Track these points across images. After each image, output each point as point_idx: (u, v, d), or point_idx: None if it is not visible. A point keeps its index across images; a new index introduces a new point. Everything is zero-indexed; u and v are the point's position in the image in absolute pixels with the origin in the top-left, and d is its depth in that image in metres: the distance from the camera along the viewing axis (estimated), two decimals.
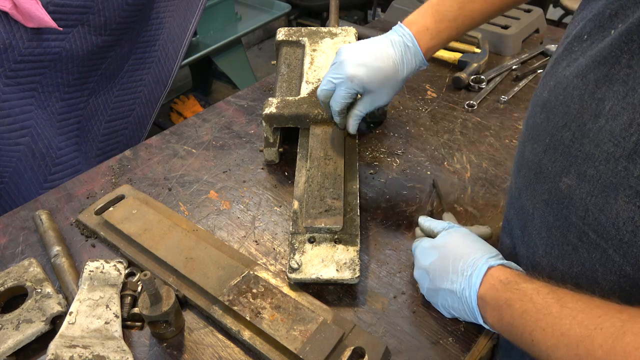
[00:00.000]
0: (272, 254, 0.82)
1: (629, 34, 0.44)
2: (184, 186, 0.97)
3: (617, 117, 0.44)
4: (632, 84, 0.43)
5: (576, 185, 0.49)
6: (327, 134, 0.92)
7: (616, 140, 0.44)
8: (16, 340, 0.67)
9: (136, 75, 1.64)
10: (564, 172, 0.50)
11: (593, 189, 0.47)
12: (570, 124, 0.49)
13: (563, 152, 0.50)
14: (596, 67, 0.47)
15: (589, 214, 0.48)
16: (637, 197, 0.43)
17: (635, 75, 0.42)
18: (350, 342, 0.66)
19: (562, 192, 0.51)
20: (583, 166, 0.48)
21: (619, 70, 0.44)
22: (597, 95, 0.46)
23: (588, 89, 0.47)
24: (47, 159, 1.38)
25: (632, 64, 0.43)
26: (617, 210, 0.45)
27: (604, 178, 0.46)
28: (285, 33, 1.15)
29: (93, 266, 0.74)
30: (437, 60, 1.31)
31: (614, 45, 0.45)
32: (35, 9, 1.21)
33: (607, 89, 0.45)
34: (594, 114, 0.46)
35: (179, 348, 0.70)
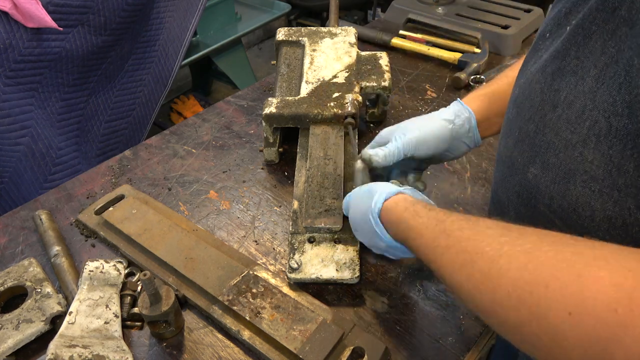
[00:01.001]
0: (272, 253, 0.82)
1: (576, 28, 0.47)
2: (184, 186, 0.97)
3: (571, 106, 0.46)
4: (580, 73, 0.45)
5: (541, 174, 0.51)
6: (327, 134, 0.92)
7: (572, 128, 0.46)
8: (16, 340, 0.67)
9: (136, 75, 1.64)
10: (530, 162, 0.53)
11: (555, 176, 0.49)
12: (534, 116, 0.52)
13: (529, 143, 0.53)
14: (552, 61, 0.50)
15: (553, 201, 0.50)
16: (592, 181, 0.45)
17: (583, 66, 0.45)
18: (350, 342, 0.66)
19: (529, 182, 0.53)
20: (546, 155, 0.50)
21: (569, 62, 0.47)
22: (554, 86, 0.49)
23: (547, 82, 0.50)
24: (47, 159, 1.37)
25: (579, 55, 0.46)
26: (576, 195, 0.47)
27: (564, 165, 0.48)
28: (285, 33, 1.15)
29: (93, 266, 0.74)
30: (437, 60, 1.31)
31: (565, 39, 0.48)
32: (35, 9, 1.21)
33: (561, 80, 0.48)
34: (552, 104, 0.49)
35: (179, 348, 0.70)
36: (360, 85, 1.00)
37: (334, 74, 1.02)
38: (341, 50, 1.08)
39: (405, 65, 1.31)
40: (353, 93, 0.96)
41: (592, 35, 0.44)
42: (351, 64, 1.04)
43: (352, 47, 1.09)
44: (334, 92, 0.97)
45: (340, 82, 1.00)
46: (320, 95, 0.97)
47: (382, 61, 1.07)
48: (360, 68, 1.05)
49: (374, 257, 0.80)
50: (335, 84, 0.99)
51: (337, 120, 0.93)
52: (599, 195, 0.45)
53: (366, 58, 1.08)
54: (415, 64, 1.32)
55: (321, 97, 0.96)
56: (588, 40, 0.45)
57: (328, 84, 0.99)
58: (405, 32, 1.40)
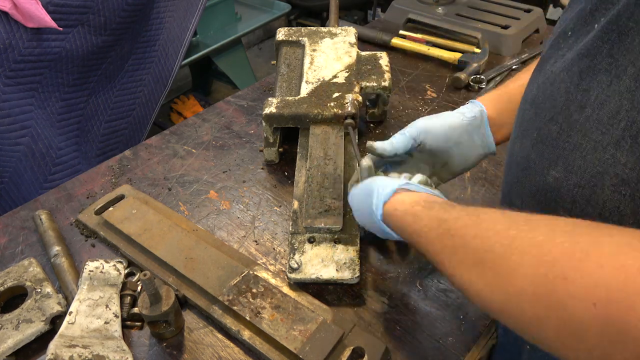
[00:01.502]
0: (272, 254, 0.82)
1: (609, 25, 0.45)
2: (184, 186, 0.97)
3: (604, 106, 0.44)
4: (615, 72, 0.44)
5: (563, 178, 0.49)
6: (327, 134, 0.92)
7: (604, 129, 0.44)
8: (16, 340, 0.67)
9: (136, 75, 1.64)
10: (551, 165, 0.51)
11: (580, 179, 0.47)
12: (557, 116, 0.50)
13: (550, 145, 0.51)
14: (580, 60, 0.48)
15: (575, 205, 0.48)
16: (623, 185, 0.43)
17: (617, 64, 0.43)
18: (350, 342, 0.66)
19: (549, 185, 0.51)
20: (570, 157, 0.48)
21: (601, 60, 0.45)
22: (582, 86, 0.47)
23: (573, 82, 0.48)
24: (47, 159, 1.38)
25: (613, 52, 0.44)
26: (603, 200, 0.45)
27: (591, 167, 0.46)
28: (285, 33, 1.15)
29: (93, 266, 0.74)
30: (437, 60, 1.31)
31: (596, 37, 0.46)
32: (35, 9, 1.21)
33: (592, 79, 0.46)
34: (580, 104, 0.47)
35: (179, 348, 0.70)
36: (360, 85, 1.00)
37: (334, 74, 1.02)
38: (341, 50, 1.08)
39: (405, 65, 1.31)
40: (353, 93, 0.96)
41: (629, 32, 0.43)
42: (351, 64, 1.04)
43: (352, 47, 1.09)
44: (334, 92, 0.97)
45: (340, 82, 1.00)
46: (320, 95, 0.97)
47: (382, 61, 1.07)
48: (360, 68, 1.05)
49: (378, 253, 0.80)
50: (335, 84, 0.99)
51: (337, 120, 0.93)
52: (630, 200, 0.43)
53: (366, 58, 1.08)
54: (415, 64, 1.32)
55: (321, 97, 0.96)
56: (624, 37, 0.43)
57: (328, 84, 0.99)
58: (405, 32, 1.40)
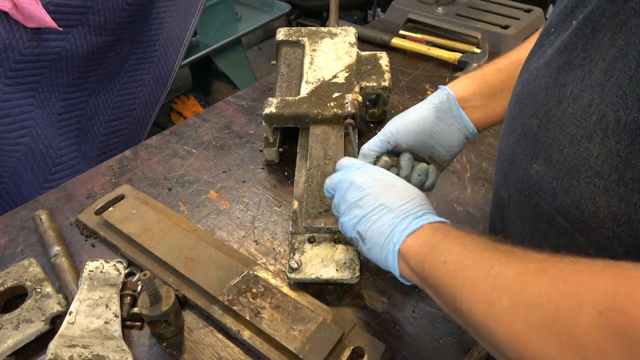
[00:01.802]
0: (272, 253, 0.82)
1: (584, 21, 0.46)
2: (184, 186, 0.97)
3: (578, 100, 0.46)
4: (588, 67, 0.45)
5: (544, 171, 0.51)
6: (327, 134, 0.92)
7: (578, 122, 0.46)
8: (16, 340, 0.67)
9: (136, 75, 1.64)
10: (533, 158, 0.52)
11: (558, 172, 0.49)
12: (538, 111, 0.51)
13: (532, 139, 0.52)
14: (559, 56, 0.49)
15: (556, 198, 0.50)
16: (597, 177, 0.45)
17: (590, 59, 0.45)
18: (350, 342, 0.67)
19: (532, 178, 0.53)
20: (550, 151, 0.50)
21: (576, 55, 0.47)
22: (559, 81, 0.48)
23: (552, 77, 0.50)
24: (47, 159, 1.38)
25: (587, 48, 0.45)
26: (580, 192, 0.47)
27: (568, 160, 0.47)
28: (285, 33, 1.15)
29: (93, 266, 0.74)
30: (437, 60, 1.31)
31: (572, 33, 0.48)
32: (35, 9, 1.21)
33: (567, 74, 0.47)
34: (557, 99, 0.48)
35: (179, 348, 0.70)
36: (360, 85, 1.00)
37: (334, 74, 1.02)
38: (341, 50, 1.08)
39: (405, 65, 1.31)
40: (353, 93, 0.96)
41: (601, 28, 0.44)
42: (351, 64, 1.04)
43: (352, 47, 1.09)
44: (334, 92, 0.97)
45: (340, 82, 1.00)
46: (320, 95, 0.97)
47: (382, 61, 1.07)
48: (360, 68, 1.05)
49: None
50: (335, 84, 0.99)
51: (337, 120, 0.93)
52: (604, 191, 0.44)
53: (366, 58, 1.08)
54: (415, 64, 1.32)
55: (321, 97, 0.96)
56: (597, 33, 0.44)
57: (328, 84, 0.99)
58: (405, 32, 1.40)
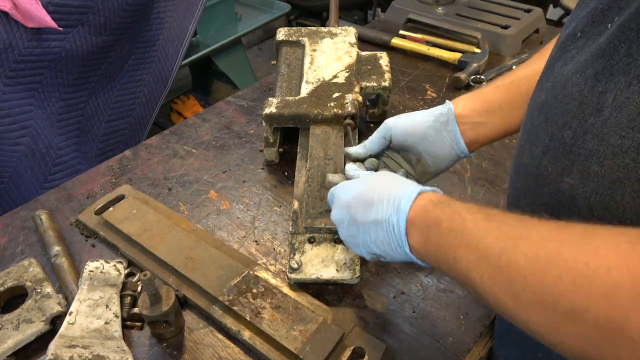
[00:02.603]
0: (272, 254, 0.82)
1: (627, 23, 0.43)
2: (184, 186, 0.97)
3: (623, 108, 0.42)
4: (634, 72, 0.41)
5: (579, 185, 0.47)
6: (327, 134, 0.92)
7: (623, 132, 0.42)
8: (16, 340, 0.67)
9: (136, 75, 1.64)
10: (565, 172, 0.49)
11: (598, 186, 0.45)
12: (571, 121, 0.48)
13: (564, 151, 0.49)
14: (594, 61, 0.46)
15: (593, 214, 0.47)
16: None
17: (636, 64, 0.41)
18: (350, 342, 0.67)
19: (563, 192, 0.49)
20: (586, 163, 0.46)
21: (618, 60, 0.43)
22: (598, 88, 0.45)
23: (587, 84, 0.46)
24: (47, 159, 1.37)
25: (632, 52, 0.42)
26: (623, 206, 0.44)
27: (610, 174, 0.44)
28: (285, 33, 1.15)
29: (93, 266, 0.74)
30: (437, 60, 1.31)
31: (611, 37, 0.44)
32: (35, 9, 1.21)
33: (608, 80, 0.44)
34: (595, 108, 0.45)
35: (179, 348, 0.70)
36: (360, 85, 1.00)
37: (334, 74, 1.02)
38: (341, 50, 1.08)
39: (405, 65, 1.31)
40: (353, 93, 0.96)
41: None
42: (351, 64, 1.04)
43: (352, 47, 1.09)
44: (334, 92, 0.97)
45: (341, 82, 1.00)
46: (320, 95, 0.97)
47: (382, 61, 1.07)
48: (361, 68, 1.05)
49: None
50: (335, 84, 0.99)
51: (337, 120, 0.93)
52: None
53: (366, 58, 1.08)
54: (415, 64, 1.32)
55: (321, 97, 0.96)
56: None
57: (328, 84, 0.99)
58: (405, 32, 1.40)
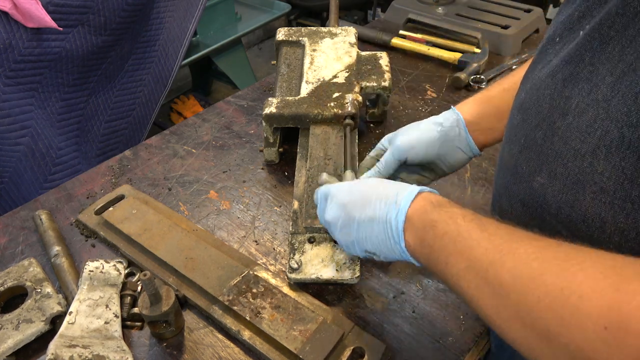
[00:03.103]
0: (272, 254, 0.82)
1: (592, 33, 0.45)
2: (184, 186, 0.97)
3: (583, 114, 0.44)
4: (595, 80, 0.43)
5: (548, 184, 0.49)
6: (327, 134, 0.92)
7: (582, 137, 0.44)
8: (16, 340, 0.67)
9: (136, 75, 1.64)
10: (536, 171, 0.51)
11: (563, 186, 0.48)
12: (542, 123, 0.50)
13: (536, 151, 0.51)
14: (564, 67, 0.48)
15: (561, 211, 0.49)
16: (602, 193, 0.43)
17: (598, 72, 0.43)
18: (350, 342, 0.67)
19: (535, 191, 0.51)
20: (554, 164, 0.48)
21: (582, 68, 0.45)
22: (565, 93, 0.47)
23: (557, 88, 0.48)
24: (47, 159, 1.37)
25: (594, 61, 0.44)
26: (585, 207, 0.45)
27: (572, 175, 0.46)
28: (285, 33, 1.15)
29: (93, 266, 0.74)
30: (437, 60, 1.31)
31: (579, 44, 0.46)
32: (35, 9, 1.21)
33: (573, 86, 0.46)
34: (562, 111, 0.47)
35: (179, 348, 0.70)
36: (360, 85, 1.00)
37: (334, 74, 1.02)
38: (341, 50, 1.08)
39: (405, 65, 1.31)
40: (353, 93, 0.96)
41: (610, 41, 0.42)
42: (351, 64, 1.04)
43: (352, 47, 1.09)
44: (334, 92, 0.97)
45: (341, 82, 1.00)
46: (320, 95, 0.97)
47: (382, 61, 1.07)
48: (360, 68, 1.05)
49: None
50: (335, 84, 0.99)
51: (337, 120, 0.93)
52: (610, 207, 0.43)
53: (366, 58, 1.08)
54: (415, 64, 1.32)
55: (321, 97, 0.96)
56: (605, 46, 0.43)
57: (328, 84, 0.99)
58: (405, 32, 1.40)
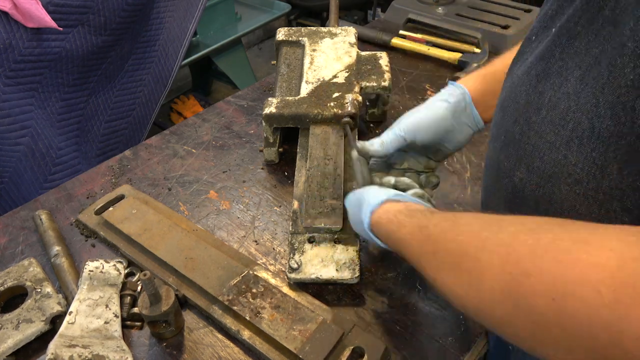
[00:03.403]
0: (272, 254, 0.82)
1: (561, 30, 0.47)
2: (184, 186, 0.97)
3: (555, 107, 0.46)
4: (565, 74, 0.45)
5: (527, 178, 0.51)
6: (327, 134, 0.92)
7: (556, 129, 0.46)
8: (16, 340, 0.68)
9: (136, 75, 1.64)
10: (516, 166, 0.52)
11: (540, 179, 0.49)
12: (519, 118, 0.52)
13: (515, 146, 0.52)
14: (537, 63, 0.50)
15: (539, 205, 0.50)
16: (576, 184, 0.44)
17: (567, 67, 0.45)
18: (350, 342, 0.67)
19: (515, 186, 0.53)
20: (531, 158, 0.50)
21: (553, 63, 0.47)
22: (539, 88, 0.49)
23: (532, 84, 0.50)
24: (47, 159, 1.37)
25: (564, 56, 0.46)
26: (561, 199, 0.47)
27: (548, 168, 0.47)
28: (285, 33, 1.15)
29: (93, 266, 0.74)
30: (437, 60, 1.31)
31: (550, 41, 0.48)
32: (35, 9, 1.21)
33: (546, 81, 0.48)
34: (537, 106, 0.49)
35: (179, 348, 0.70)
36: (360, 85, 1.00)
37: (334, 74, 1.02)
38: (341, 50, 1.08)
39: (405, 65, 1.31)
40: (353, 93, 0.96)
41: (577, 36, 0.44)
42: (351, 64, 1.04)
43: (352, 47, 1.09)
44: (334, 92, 0.97)
45: (340, 82, 1.00)
46: (320, 95, 0.97)
47: (382, 61, 1.07)
48: (360, 68, 1.05)
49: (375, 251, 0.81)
50: (335, 84, 0.99)
51: (337, 120, 0.93)
52: (583, 198, 0.44)
53: (366, 58, 1.08)
54: (415, 64, 1.32)
55: (321, 97, 0.96)
56: (573, 41, 0.44)
57: (328, 84, 0.99)
58: (405, 32, 1.39)
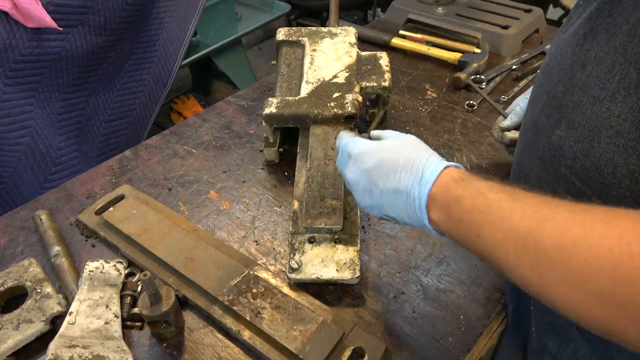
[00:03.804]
0: (272, 254, 0.82)
1: None
2: (184, 186, 0.97)
3: (602, 62, 0.48)
4: (612, 30, 0.47)
5: (566, 135, 0.53)
6: (327, 134, 0.92)
7: (601, 84, 0.48)
8: (16, 340, 0.67)
9: (136, 75, 1.64)
10: (556, 124, 0.54)
11: (580, 135, 0.51)
12: (563, 77, 0.53)
13: (557, 105, 0.54)
14: (585, 23, 0.51)
15: (576, 162, 0.52)
16: (617, 136, 0.47)
17: (615, 23, 0.47)
18: (350, 342, 0.67)
19: (554, 144, 0.55)
20: (572, 114, 0.52)
21: (602, 21, 0.49)
22: (585, 46, 0.50)
23: (578, 43, 0.52)
24: (47, 159, 1.37)
25: (612, 12, 0.47)
26: (599, 153, 0.49)
27: (590, 122, 0.49)
28: (285, 33, 1.15)
29: (93, 266, 0.74)
30: (437, 60, 1.31)
31: (599, 1, 0.50)
32: (35, 9, 1.21)
33: (593, 39, 0.50)
34: (582, 63, 0.50)
35: (179, 348, 0.70)
36: (360, 85, 1.00)
37: (334, 74, 1.02)
38: (341, 50, 1.08)
39: (405, 65, 1.31)
40: (353, 93, 0.96)
41: None
42: (351, 64, 1.04)
43: (352, 47, 1.09)
44: (334, 92, 0.97)
45: (341, 82, 1.00)
46: (320, 95, 0.97)
47: (382, 61, 1.07)
48: (361, 68, 1.05)
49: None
50: (335, 84, 0.99)
51: (337, 120, 0.93)
52: (623, 150, 0.46)
53: (366, 58, 1.08)
54: (415, 64, 1.32)
55: (321, 97, 0.96)
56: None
57: (328, 84, 0.99)
58: (405, 32, 1.40)
